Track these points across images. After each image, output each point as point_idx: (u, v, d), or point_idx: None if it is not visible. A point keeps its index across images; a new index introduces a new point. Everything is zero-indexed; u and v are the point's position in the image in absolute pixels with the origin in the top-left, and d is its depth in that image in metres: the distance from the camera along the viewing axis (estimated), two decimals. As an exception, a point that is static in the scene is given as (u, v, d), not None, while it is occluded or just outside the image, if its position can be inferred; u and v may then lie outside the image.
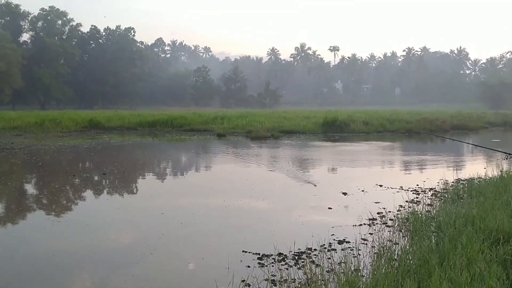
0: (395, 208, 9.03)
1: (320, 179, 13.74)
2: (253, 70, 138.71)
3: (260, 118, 35.86)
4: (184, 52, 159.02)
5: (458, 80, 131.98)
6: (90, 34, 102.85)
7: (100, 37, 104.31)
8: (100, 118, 35.22)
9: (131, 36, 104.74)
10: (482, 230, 6.11)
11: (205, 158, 19.20)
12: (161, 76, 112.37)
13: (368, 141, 26.72)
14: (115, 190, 12.61)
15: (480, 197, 8.52)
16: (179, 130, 32.68)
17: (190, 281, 6.00)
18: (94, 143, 24.13)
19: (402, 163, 18.16)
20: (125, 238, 7.84)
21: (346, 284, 4.89)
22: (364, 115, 37.89)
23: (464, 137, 32.49)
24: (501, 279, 4.57)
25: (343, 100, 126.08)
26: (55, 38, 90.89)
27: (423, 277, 4.75)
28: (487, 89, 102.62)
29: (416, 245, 6.04)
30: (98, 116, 36.07)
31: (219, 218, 8.87)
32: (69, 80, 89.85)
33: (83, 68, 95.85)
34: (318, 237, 7.10)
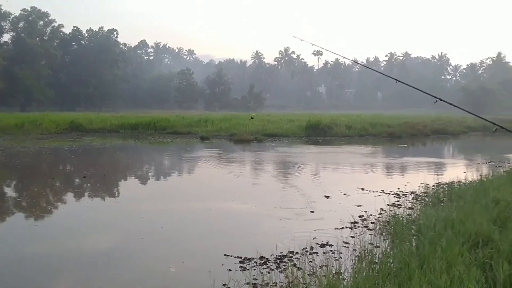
0: (377, 212, 9.08)
1: (302, 182, 13.77)
2: (237, 73, 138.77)
3: (244, 121, 35.85)
4: (167, 55, 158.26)
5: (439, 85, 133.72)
6: (72, 35, 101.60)
7: (82, 39, 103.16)
8: (82, 120, 34.82)
9: (114, 37, 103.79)
10: (462, 233, 6.16)
11: (188, 161, 19.10)
12: (144, 79, 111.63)
13: (351, 145, 26.90)
14: (95, 193, 12.45)
15: (460, 201, 8.61)
16: (162, 133, 32.47)
17: (170, 285, 5.92)
18: (75, 146, 23.82)
19: (383, 167, 18.31)
20: (104, 242, 7.73)
21: (328, 287, 4.88)
22: (347, 119, 38.16)
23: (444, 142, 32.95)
24: (480, 282, 4.60)
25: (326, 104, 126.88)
26: (36, 39, 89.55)
27: (404, 280, 4.76)
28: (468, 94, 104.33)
29: (396, 248, 6.07)
30: (79, 118, 35.64)
31: (201, 222, 8.81)
32: (51, 82, 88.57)
33: (65, 70, 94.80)
34: (300, 241, 7.09)
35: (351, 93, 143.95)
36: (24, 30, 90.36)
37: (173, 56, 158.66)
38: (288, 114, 56.81)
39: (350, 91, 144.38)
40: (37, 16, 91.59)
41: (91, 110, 72.04)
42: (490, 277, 4.83)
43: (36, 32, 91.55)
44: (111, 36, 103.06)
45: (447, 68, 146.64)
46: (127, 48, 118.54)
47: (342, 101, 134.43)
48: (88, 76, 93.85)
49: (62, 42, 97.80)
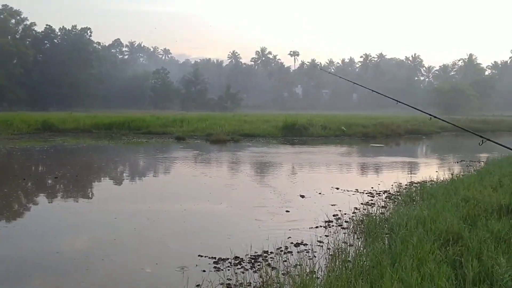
0: (351, 211, 9.16)
1: (278, 182, 13.81)
2: (214, 73, 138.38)
3: (220, 121, 35.74)
4: (142, 54, 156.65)
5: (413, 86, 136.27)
6: (44, 34, 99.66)
7: (55, 37, 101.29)
8: (54, 120, 34.14)
9: (88, 36, 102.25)
10: (433, 231, 6.27)
11: (163, 162, 18.92)
12: (118, 78, 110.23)
13: (327, 145, 27.12)
14: (67, 194, 12.22)
15: (431, 199, 8.76)
16: (137, 133, 32.09)
17: (143, 286, 5.84)
18: (47, 146, 23.35)
19: (358, 167, 18.50)
20: (76, 244, 7.58)
21: (301, 286, 4.89)
22: (323, 119, 38.42)
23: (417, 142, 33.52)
24: (450, 279, 4.68)
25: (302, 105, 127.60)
26: (8, 38, 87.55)
27: (375, 278, 4.81)
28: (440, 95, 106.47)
29: (369, 247, 6.13)
30: (52, 118, 34.94)
31: (175, 223, 8.72)
32: (22, 81, 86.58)
33: (37, 69, 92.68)
34: (275, 240, 7.10)
35: (327, 93, 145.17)
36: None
37: (148, 55, 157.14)
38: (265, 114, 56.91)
39: (326, 92, 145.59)
40: (8, 14, 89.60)
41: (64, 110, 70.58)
42: (460, 274, 4.91)
43: (8, 30, 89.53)
44: (84, 34, 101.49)
45: (420, 69, 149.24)
46: (101, 47, 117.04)
47: (318, 101, 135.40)
48: (61, 75, 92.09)
49: (34, 40, 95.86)
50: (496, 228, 6.26)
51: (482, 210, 7.44)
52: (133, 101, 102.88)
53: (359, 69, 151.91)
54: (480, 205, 7.68)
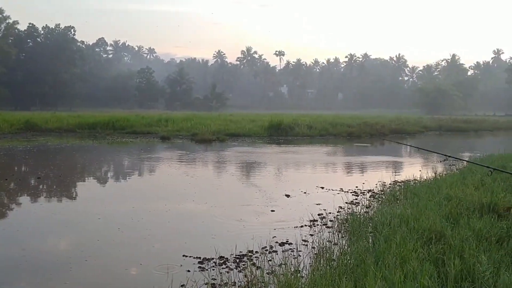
0: (335, 210, 9.22)
1: (264, 181, 13.82)
2: (199, 72, 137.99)
3: (206, 121, 35.64)
4: (127, 53, 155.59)
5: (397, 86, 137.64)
6: (27, 33, 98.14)
7: (38, 36, 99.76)
8: (37, 119, 33.72)
9: (71, 35, 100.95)
10: (416, 229, 6.33)
11: (147, 162, 18.80)
12: (102, 77, 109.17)
13: (312, 144, 27.22)
14: (50, 195, 12.07)
15: (414, 198, 8.85)
16: (121, 132, 31.84)
17: (127, 286, 5.81)
18: (29, 146, 23.04)
19: (343, 166, 18.61)
20: (59, 244, 7.50)
21: (286, 285, 4.90)
22: (308, 119, 38.55)
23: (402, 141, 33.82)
24: (432, 277, 4.73)
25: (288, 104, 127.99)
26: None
27: (359, 276, 4.85)
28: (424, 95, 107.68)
29: (354, 245, 6.17)
30: (35, 118, 34.50)
31: (159, 223, 8.67)
32: (5, 80, 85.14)
33: (19, 68, 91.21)
34: (259, 240, 7.10)
35: (312, 93, 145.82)
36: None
37: (133, 55, 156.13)
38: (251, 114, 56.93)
39: (311, 92, 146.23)
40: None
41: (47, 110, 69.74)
42: (442, 272, 4.97)
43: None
44: (68, 33, 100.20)
45: (404, 70, 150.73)
46: (85, 46, 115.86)
47: (303, 101, 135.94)
48: (44, 74, 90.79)
49: (17, 39, 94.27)
50: (478, 226, 6.35)
51: (464, 208, 7.55)
52: (117, 100, 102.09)
53: (344, 69, 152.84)
54: (462, 204, 7.79)
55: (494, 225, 6.49)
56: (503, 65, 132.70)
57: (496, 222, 6.67)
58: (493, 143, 31.47)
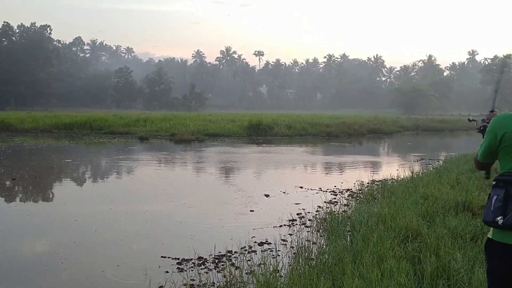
0: (314, 209, 9.27)
1: (243, 181, 13.81)
2: (178, 72, 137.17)
3: (185, 121, 35.45)
4: (104, 52, 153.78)
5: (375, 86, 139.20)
6: (2, 31, 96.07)
7: (13, 34, 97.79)
8: (12, 119, 33.09)
9: (48, 34, 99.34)
10: (393, 228, 6.41)
11: (125, 162, 18.59)
12: (80, 77, 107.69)
13: (291, 144, 27.33)
14: (25, 196, 11.85)
15: (392, 197, 8.96)
16: (99, 133, 31.44)
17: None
18: (4, 147, 22.57)
19: (322, 165, 18.73)
20: (34, 247, 7.35)
21: (265, 285, 4.90)
22: (288, 119, 38.72)
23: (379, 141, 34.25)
24: (409, 274, 4.80)
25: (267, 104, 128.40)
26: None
27: (338, 275, 4.88)
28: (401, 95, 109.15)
29: (332, 244, 6.21)
30: (9, 118, 33.84)
31: (137, 224, 8.58)
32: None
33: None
34: (239, 240, 7.08)
35: (291, 93, 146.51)
36: None
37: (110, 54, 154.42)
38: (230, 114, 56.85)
39: (290, 92, 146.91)
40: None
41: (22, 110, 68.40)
42: (418, 270, 5.05)
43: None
44: (44, 32, 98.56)
45: (382, 70, 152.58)
46: (61, 45, 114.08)
47: (282, 101, 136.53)
48: (19, 73, 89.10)
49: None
50: (453, 224, 6.46)
51: (440, 207, 7.67)
52: (95, 100, 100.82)
53: (322, 69, 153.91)
54: (438, 202, 7.91)
55: (469, 223, 6.61)
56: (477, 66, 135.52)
57: (471, 220, 6.81)
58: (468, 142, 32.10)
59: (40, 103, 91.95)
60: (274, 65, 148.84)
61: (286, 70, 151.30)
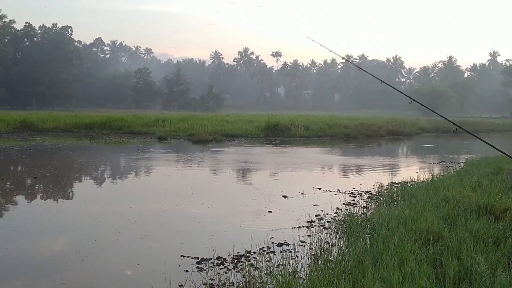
0: (333, 211, 9.23)
1: (260, 182, 13.81)
2: (196, 73, 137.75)
3: (202, 121, 35.62)
4: (124, 53, 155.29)
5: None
6: (24, 32, 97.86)
7: (35, 35, 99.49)
8: (34, 119, 33.63)
9: (68, 34, 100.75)
10: (414, 231, 6.34)
11: (144, 162, 18.77)
12: (99, 77, 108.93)
13: (309, 145, 27.24)
14: (47, 194, 12.04)
15: (412, 200, 8.87)
16: (118, 132, 31.80)
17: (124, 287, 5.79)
18: (26, 145, 22.98)
19: (340, 167, 18.62)
20: (55, 245, 7.46)
21: (284, 286, 4.91)
22: (305, 119, 38.60)
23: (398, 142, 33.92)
24: (430, 278, 4.75)
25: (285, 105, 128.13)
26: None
27: (358, 277, 4.85)
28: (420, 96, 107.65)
29: (351, 246, 6.18)
30: (31, 117, 34.40)
31: (156, 223, 8.66)
32: (1, 80, 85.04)
33: (16, 67, 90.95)
34: (257, 240, 7.09)
35: (309, 94, 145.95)
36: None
37: (130, 55, 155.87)
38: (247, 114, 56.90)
39: (308, 92, 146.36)
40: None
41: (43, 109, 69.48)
42: (440, 273, 4.99)
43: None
44: (65, 33, 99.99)
45: (401, 71, 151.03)
46: (82, 45, 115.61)
47: (300, 102, 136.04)
48: (40, 74, 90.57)
49: (13, 38, 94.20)
50: (475, 227, 6.37)
51: (462, 210, 7.57)
52: (114, 100, 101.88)
53: (341, 70, 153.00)
54: (460, 205, 7.81)
55: (491, 227, 6.52)
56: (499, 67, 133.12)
57: (493, 224, 6.71)
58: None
59: (60, 103, 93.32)
60: (291, 66, 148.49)
61: (303, 70, 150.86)
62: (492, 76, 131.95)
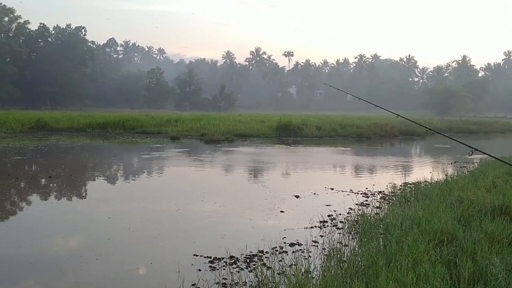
0: (345, 211, 9.19)
1: (272, 182, 13.80)
2: (208, 73, 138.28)
3: (214, 121, 35.70)
4: (137, 53, 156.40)
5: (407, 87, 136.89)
6: (38, 32, 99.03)
7: (49, 36, 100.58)
8: (48, 119, 34.00)
9: (82, 35, 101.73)
10: (428, 231, 6.29)
11: (157, 161, 18.87)
12: (112, 77, 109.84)
13: (321, 145, 27.16)
14: (61, 193, 12.16)
15: (426, 200, 8.80)
16: (131, 132, 32.02)
17: (138, 286, 5.83)
18: (40, 145, 23.24)
19: (352, 167, 18.53)
20: (69, 243, 7.54)
21: (297, 286, 4.90)
22: (317, 119, 38.49)
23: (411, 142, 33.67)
24: (445, 279, 4.71)
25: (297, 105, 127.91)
26: (1, 36, 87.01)
27: (371, 278, 4.82)
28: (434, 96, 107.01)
29: (364, 247, 6.14)
30: (45, 117, 34.79)
31: (169, 222, 8.71)
32: (16, 80, 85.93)
33: (30, 67, 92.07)
34: (270, 240, 7.09)
35: (321, 94, 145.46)
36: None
37: (142, 55, 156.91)
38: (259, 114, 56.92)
39: (320, 92, 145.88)
40: (1, 12, 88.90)
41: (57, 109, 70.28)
42: (454, 274, 4.95)
43: (1, 28, 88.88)
44: (79, 33, 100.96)
45: (414, 71, 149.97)
46: (95, 46, 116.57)
47: (312, 102, 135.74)
48: (54, 74, 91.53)
49: (27, 39, 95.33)
50: (490, 228, 6.31)
51: (476, 210, 7.50)
52: (127, 100, 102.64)
53: (353, 70, 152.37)
54: (474, 206, 7.73)
55: (506, 228, 6.44)
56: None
57: (508, 225, 6.64)
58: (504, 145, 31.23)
59: (74, 103, 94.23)
60: (303, 66, 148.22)
61: (316, 70, 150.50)
62: (507, 75, 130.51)
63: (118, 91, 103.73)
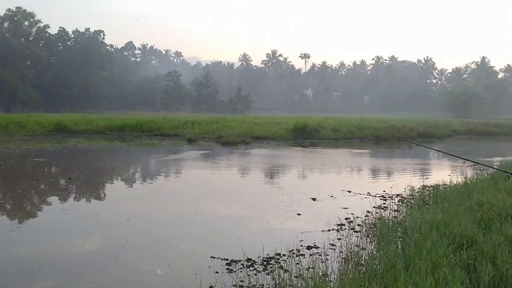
0: (363, 214, 9.13)
1: (289, 184, 13.78)
2: (225, 75, 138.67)
3: (231, 123, 35.80)
4: (154, 56, 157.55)
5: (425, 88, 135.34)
6: (58, 36, 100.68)
7: (68, 39, 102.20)
8: (67, 121, 34.50)
9: (101, 38, 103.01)
10: (447, 235, 6.22)
11: (174, 164, 19.00)
12: (130, 80, 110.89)
13: (338, 147, 27.02)
14: (80, 195, 12.32)
15: (445, 203, 8.69)
16: (149, 134, 32.31)
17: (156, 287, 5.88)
18: (60, 147, 23.58)
19: (370, 170, 18.39)
20: (88, 245, 7.64)
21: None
22: (334, 121, 38.29)
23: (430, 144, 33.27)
24: (464, 283, 4.65)
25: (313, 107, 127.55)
26: (21, 40, 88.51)
27: (389, 282, 4.79)
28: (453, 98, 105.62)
29: (382, 250, 6.10)
30: (65, 120, 35.31)
31: (186, 224, 8.76)
32: (36, 83, 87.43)
33: (50, 71, 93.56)
34: (287, 243, 7.08)
35: (338, 96, 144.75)
36: (9, 31, 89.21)
37: (160, 58, 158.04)
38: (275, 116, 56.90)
39: (337, 94, 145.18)
40: (22, 16, 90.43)
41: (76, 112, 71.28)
42: (474, 278, 4.88)
43: (21, 32, 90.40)
44: (97, 37, 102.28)
45: (432, 72, 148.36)
46: (113, 49, 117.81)
47: (329, 104, 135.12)
48: (73, 77, 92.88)
49: (47, 43, 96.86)
50: (511, 232, 6.20)
51: (496, 214, 7.38)
52: (144, 103, 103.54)
53: (370, 71, 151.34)
54: (494, 209, 7.62)
55: (528, 232, 6.32)
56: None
57: (530, 229, 6.51)
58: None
59: (92, 106, 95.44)
60: (320, 68, 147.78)
61: (332, 72, 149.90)
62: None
63: (136, 94, 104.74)
